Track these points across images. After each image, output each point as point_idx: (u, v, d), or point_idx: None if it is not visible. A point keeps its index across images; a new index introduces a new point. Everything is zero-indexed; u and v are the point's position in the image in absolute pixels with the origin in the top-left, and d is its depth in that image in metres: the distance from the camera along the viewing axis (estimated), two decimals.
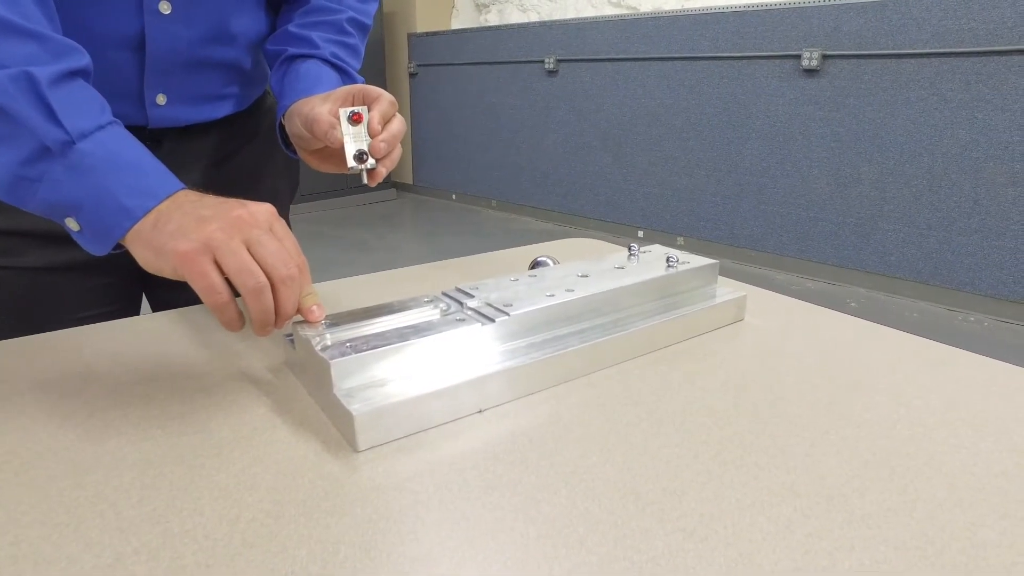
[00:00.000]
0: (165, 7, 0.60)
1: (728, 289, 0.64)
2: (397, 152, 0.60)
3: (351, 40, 0.73)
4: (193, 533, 0.33)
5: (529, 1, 4.20)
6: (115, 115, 0.49)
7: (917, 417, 0.45)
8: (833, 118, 2.78)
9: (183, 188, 0.48)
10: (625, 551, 0.32)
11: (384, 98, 0.59)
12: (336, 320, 0.49)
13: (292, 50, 0.69)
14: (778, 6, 2.85)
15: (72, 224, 0.46)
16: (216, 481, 0.37)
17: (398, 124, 0.59)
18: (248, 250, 0.43)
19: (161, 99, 0.65)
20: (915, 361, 0.55)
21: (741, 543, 0.33)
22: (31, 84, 0.44)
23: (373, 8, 0.78)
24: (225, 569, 0.31)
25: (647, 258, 0.65)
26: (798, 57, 2.80)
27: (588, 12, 3.81)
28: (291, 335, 0.50)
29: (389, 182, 5.11)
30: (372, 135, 0.57)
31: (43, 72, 0.44)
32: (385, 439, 0.42)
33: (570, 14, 3.90)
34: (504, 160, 4.40)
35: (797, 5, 2.79)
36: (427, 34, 4.70)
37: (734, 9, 3.01)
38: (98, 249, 0.47)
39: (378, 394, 0.43)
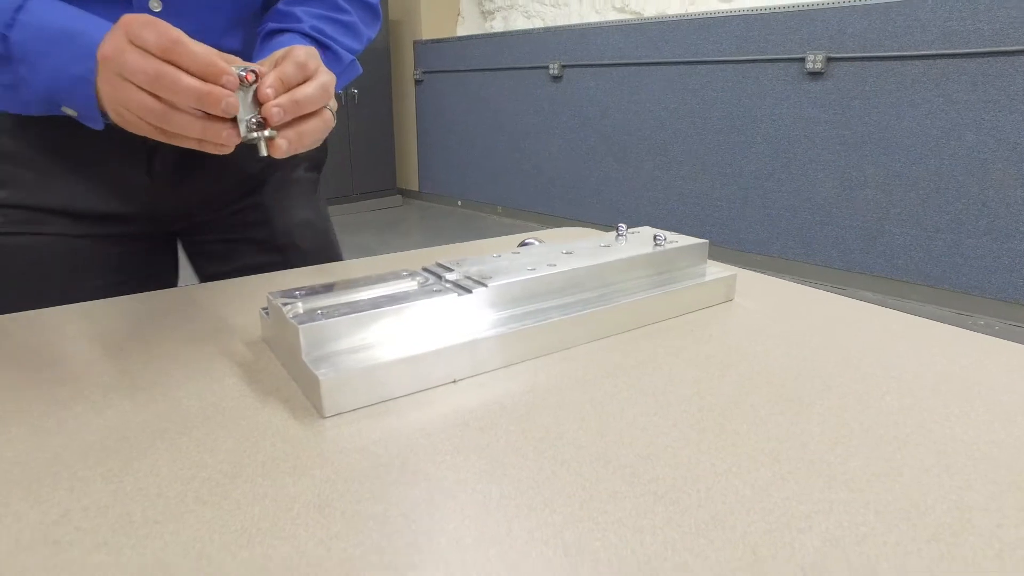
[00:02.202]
0: (156, 5, 0.61)
1: (718, 269, 0.62)
2: (312, 125, 0.50)
3: (345, 17, 0.68)
4: (146, 491, 0.32)
5: (533, 7, 4.22)
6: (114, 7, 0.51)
7: (907, 389, 0.44)
8: (838, 121, 2.76)
9: (107, 28, 0.46)
10: (590, 512, 0.31)
11: (290, 58, 0.49)
12: (311, 291, 0.48)
13: (272, 25, 0.64)
14: (782, 9, 2.84)
15: (69, 111, 0.46)
16: (177, 444, 0.36)
17: (309, 89, 0.49)
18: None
19: (156, 4, 0.65)
20: (908, 338, 0.53)
21: (714, 505, 0.31)
22: None
23: None
24: (174, 524, 0.30)
25: (635, 238, 0.64)
26: (802, 60, 2.79)
27: (592, 18, 3.82)
28: (267, 308, 0.49)
29: (395, 188, 5.12)
30: (262, 100, 0.47)
31: None
32: (352, 405, 0.41)
33: (574, 20, 3.91)
34: (509, 166, 4.41)
35: (801, 8, 2.78)
36: (432, 41, 4.73)
37: (738, 13, 3.01)
38: (96, 123, 0.47)
39: (347, 360, 0.41)
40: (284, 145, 0.49)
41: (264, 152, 0.48)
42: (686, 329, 0.54)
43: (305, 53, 0.50)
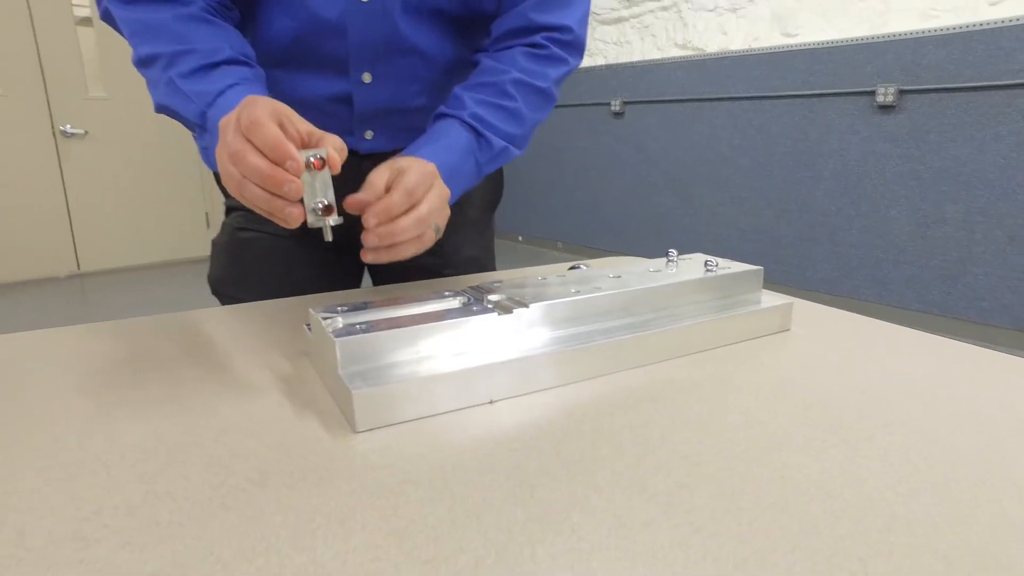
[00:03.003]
0: (367, 77, 0.70)
1: (773, 297, 0.59)
2: (403, 249, 0.54)
3: (509, 103, 0.68)
4: (174, 494, 0.32)
5: (595, 45, 4.27)
6: None
7: (982, 427, 0.40)
8: (912, 155, 2.64)
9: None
10: (620, 541, 0.29)
11: (401, 186, 0.53)
12: (354, 307, 0.48)
13: (441, 108, 0.67)
14: (849, 42, 2.77)
15: None
16: (210, 451, 0.37)
17: (407, 222, 0.52)
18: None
19: (368, 135, 0.76)
20: (983, 373, 0.49)
21: (757, 541, 0.29)
22: (174, 78, 0.57)
23: (551, 71, 0.71)
24: (196, 528, 0.30)
25: (686, 264, 0.62)
26: (872, 93, 2.70)
27: (654, 55, 3.83)
28: (310, 323, 0.50)
29: None
30: (365, 226, 0.51)
31: (184, 67, 0.57)
32: (385, 421, 0.40)
33: (636, 57, 3.93)
34: (570, 202, 4.42)
35: (870, 41, 2.70)
36: None
37: (803, 47, 2.95)
38: None
39: (382, 376, 0.41)
40: (370, 257, 0.53)
41: (329, 238, 0.49)
42: (738, 357, 0.52)
43: (416, 177, 0.54)
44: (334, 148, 0.49)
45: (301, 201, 0.47)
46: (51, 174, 3.84)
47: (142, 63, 0.60)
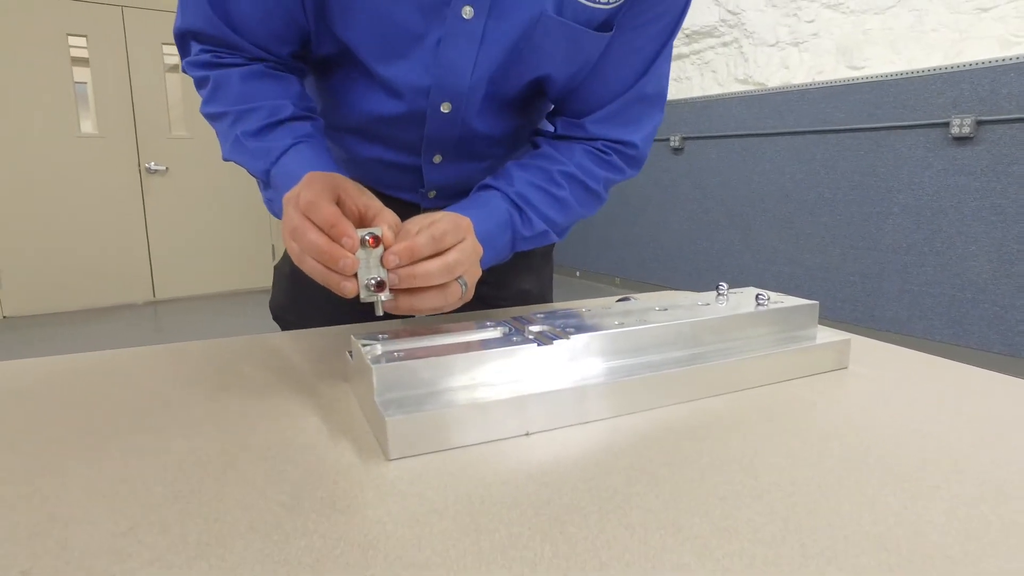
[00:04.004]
0: (437, 158, 0.73)
1: (829, 334, 0.57)
2: (428, 299, 0.51)
3: (557, 191, 0.67)
4: (206, 515, 0.33)
5: None
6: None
7: None
8: (992, 188, 2.51)
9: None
10: None
11: (429, 230, 0.50)
12: (395, 335, 0.49)
13: (488, 180, 0.66)
14: (920, 73, 2.68)
15: None
16: (245, 473, 0.37)
17: (432, 266, 0.50)
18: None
19: (432, 194, 0.79)
20: None
21: None
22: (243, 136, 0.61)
23: (606, 175, 0.70)
24: (222, 548, 0.30)
25: (736, 298, 0.60)
26: (947, 125, 2.59)
27: (714, 90, 3.80)
28: (352, 350, 0.51)
29: None
30: (384, 265, 0.49)
31: (250, 125, 0.60)
32: (419, 450, 0.40)
33: (695, 93, 3.92)
34: (629, 237, 4.39)
35: (943, 71, 2.60)
36: None
37: (870, 79, 2.87)
38: None
39: (418, 404, 0.41)
40: (391, 304, 0.50)
41: (380, 313, 0.50)
42: (789, 395, 0.49)
43: (448, 226, 0.52)
44: (389, 226, 0.50)
45: (356, 275, 0.49)
46: (135, 208, 4.11)
47: (211, 117, 0.64)
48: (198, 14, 0.60)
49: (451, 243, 0.52)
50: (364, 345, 0.46)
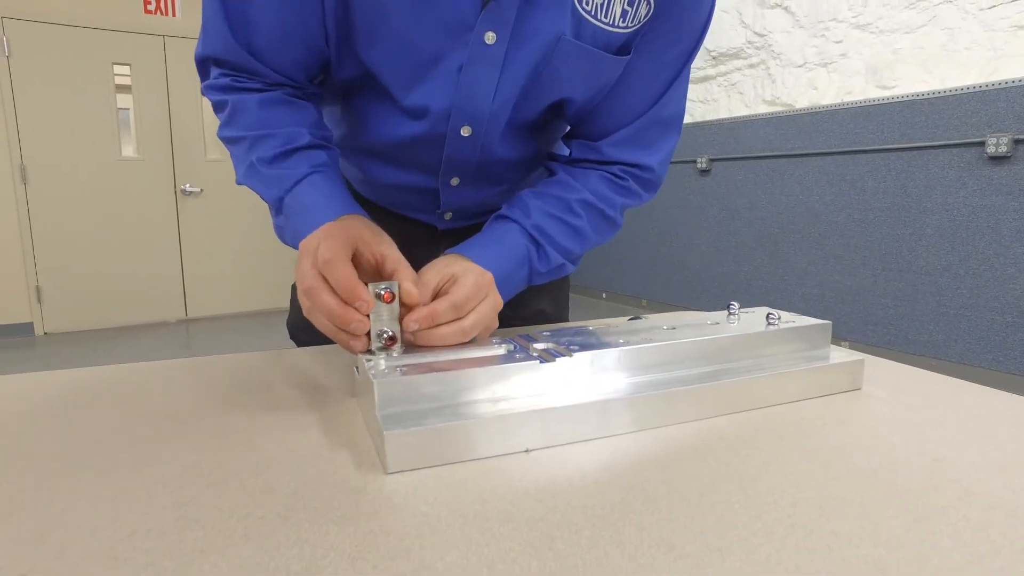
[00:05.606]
0: (455, 181, 0.73)
1: (842, 354, 0.55)
2: (440, 335, 0.51)
3: (574, 220, 0.67)
4: (203, 522, 0.33)
5: None
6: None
7: None
8: None
9: (331, 218, 0.56)
10: None
11: (450, 296, 0.52)
12: (400, 350, 0.49)
13: (504, 210, 0.67)
14: (954, 92, 2.63)
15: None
16: (245, 483, 0.38)
17: (448, 331, 0.51)
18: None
19: (448, 216, 0.81)
20: None
21: None
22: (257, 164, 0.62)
23: (622, 200, 0.71)
24: (216, 556, 0.30)
25: (747, 318, 0.59)
26: (982, 144, 2.53)
27: (742, 111, 3.79)
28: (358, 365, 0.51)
29: None
30: (404, 327, 0.50)
31: (265, 152, 0.61)
32: (417, 464, 0.40)
33: (723, 114, 3.90)
34: (656, 259, 4.36)
35: (977, 89, 2.55)
36: None
37: (901, 99, 2.83)
38: None
39: (418, 419, 0.41)
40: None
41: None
42: (798, 415, 0.48)
43: (470, 291, 0.53)
44: (410, 282, 0.50)
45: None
46: (170, 229, 4.24)
47: (228, 141, 0.65)
48: (219, 41, 0.62)
49: (471, 308, 0.53)
50: (368, 360, 0.46)
